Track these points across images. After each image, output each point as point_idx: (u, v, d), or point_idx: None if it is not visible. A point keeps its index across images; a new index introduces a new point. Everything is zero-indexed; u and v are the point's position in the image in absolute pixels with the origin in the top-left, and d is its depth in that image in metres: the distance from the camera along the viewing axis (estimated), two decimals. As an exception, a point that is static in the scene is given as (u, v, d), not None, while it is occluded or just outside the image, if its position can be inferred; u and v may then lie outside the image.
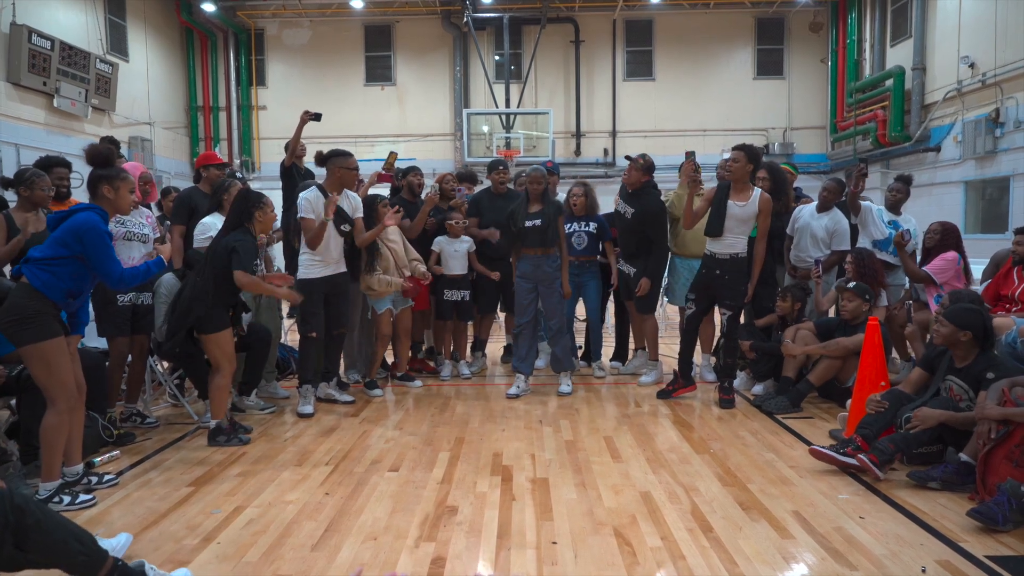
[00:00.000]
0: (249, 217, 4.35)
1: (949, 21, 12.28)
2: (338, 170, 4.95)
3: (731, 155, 4.93)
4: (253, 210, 4.35)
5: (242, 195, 4.44)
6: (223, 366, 4.26)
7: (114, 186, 3.48)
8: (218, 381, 4.27)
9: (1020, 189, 10.64)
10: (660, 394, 5.22)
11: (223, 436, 4.28)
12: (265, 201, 4.43)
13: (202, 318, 4.19)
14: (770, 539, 2.92)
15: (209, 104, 16.50)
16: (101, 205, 3.43)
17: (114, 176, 3.49)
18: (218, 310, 4.23)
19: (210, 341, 4.23)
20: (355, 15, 16.19)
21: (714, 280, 5.01)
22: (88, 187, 3.53)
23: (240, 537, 2.99)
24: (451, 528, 3.05)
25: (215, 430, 4.29)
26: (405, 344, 5.78)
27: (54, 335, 3.19)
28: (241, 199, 4.40)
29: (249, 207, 4.35)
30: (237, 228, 4.32)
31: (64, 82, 11.35)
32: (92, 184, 3.49)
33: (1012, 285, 4.66)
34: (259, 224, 4.40)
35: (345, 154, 5.02)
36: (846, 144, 15.40)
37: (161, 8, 15.13)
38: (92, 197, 3.50)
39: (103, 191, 3.47)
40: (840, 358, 4.86)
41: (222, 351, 4.24)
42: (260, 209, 4.37)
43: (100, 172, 3.50)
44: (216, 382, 4.27)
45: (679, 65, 16.43)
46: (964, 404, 3.60)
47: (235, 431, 4.32)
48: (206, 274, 4.22)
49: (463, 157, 15.26)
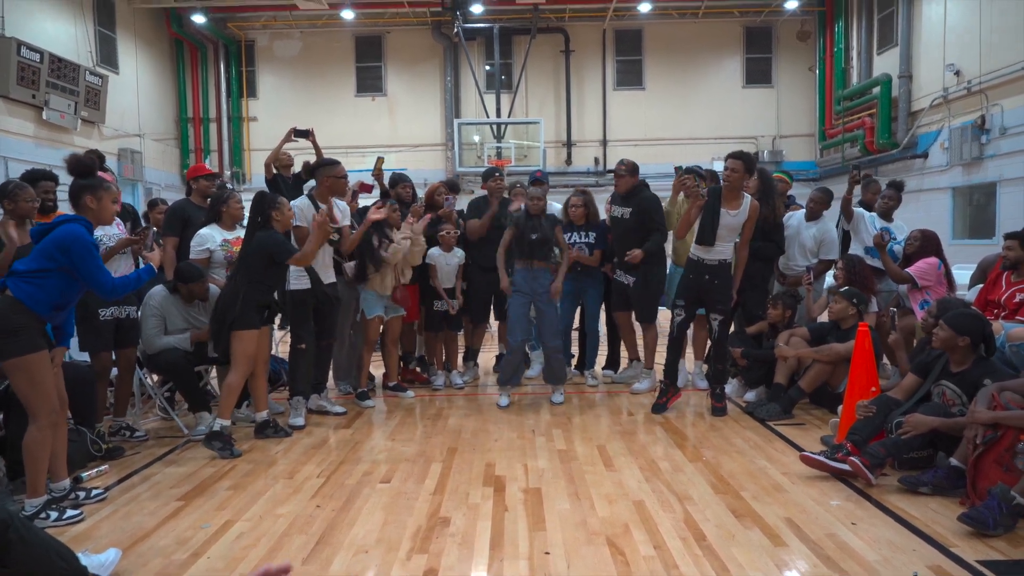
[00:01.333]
0: (267, 219, 4.49)
1: (934, 30, 12.40)
2: (327, 179, 4.99)
3: (728, 163, 4.87)
4: (270, 211, 4.50)
5: (258, 198, 4.57)
6: (240, 366, 4.35)
7: (97, 196, 3.46)
8: (229, 379, 4.38)
9: (1007, 195, 10.73)
10: (655, 408, 5.18)
11: (219, 442, 4.25)
12: (281, 201, 4.58)
13: (236, 314, 4.32)
14: (763, 547, 2.92)
15: (199, 116, 16.47)
16: (84, 216, 3.41)
17: (96, 187, 3.48)
18: (249, 309, 4.35)
19: (235, 337, 4.33)
20: (346, 26, 16.23)
21: (703, 285, 5.01)
22: (70, 198, 3.51)
23: (231, 551, 2.96)
24: (443, 540, 3.04)
25: (214, 433, 4.28)
26: (394, 354, 5.77)
27: (38, 349, 3.16)
28: (257, 202, 4.54)
29: (266, 208, 4.50)
30: (259, 230, 4.47)
31: (53, 95, 11.31)
32: (74, 195, 3.48)
33: (1000, 290, 4.69)
34: (277, 224, 4.53)
35: (333, 163, 5.09)
36: (835, 152, 15.50)
37: (151, 20, 15.13)
38: (75, 208, 3.48)
39: (86, 202, 3.45)
40: (831, 363, 4.88)
41: (243, 350, 4.34)
42: (277, 209, 4.51)
43: (82, 183, 3.49)
44: (227, 381, 4.40)
45: (669, 74, 16.53)
46: (956, 409, 3.62)
47: (229, 444, 4.28)
48: (239, 277, 4.40)
49: (454, 167, 15.28)
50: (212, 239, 4.87)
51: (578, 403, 5.52)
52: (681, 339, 5.23)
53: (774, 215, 5.42)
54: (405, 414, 5.27)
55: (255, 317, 4.40)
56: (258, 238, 4.42)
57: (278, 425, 4.69)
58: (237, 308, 4.31)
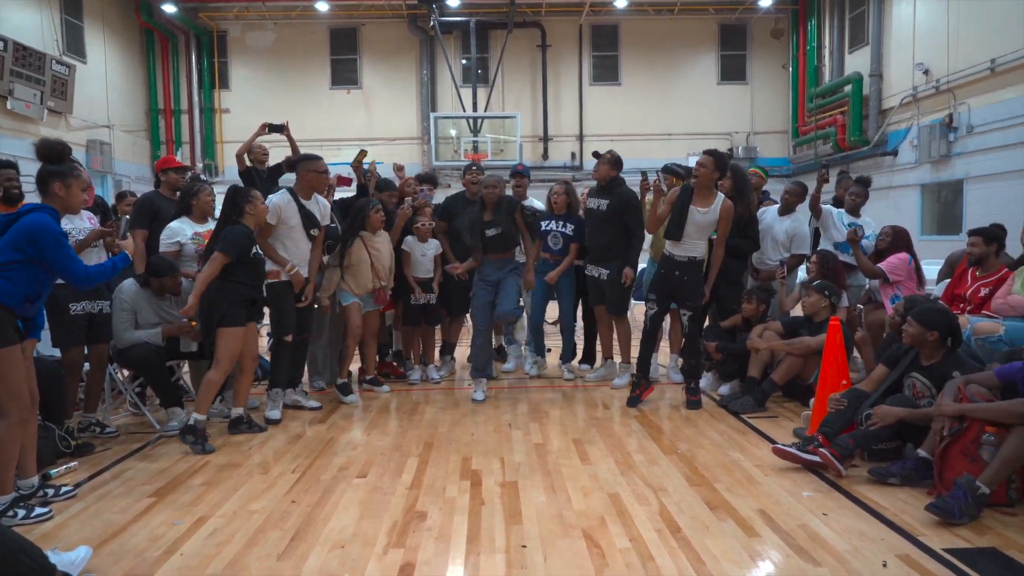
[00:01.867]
0: (240, 212, 4.42)
1: (904, 29, 12.62)
2: (308, 174, 4.93)
3: (699, 159, 4.90)
4: (244, 204, 4.43)
5: (231, 193, 4.51)
6: (222, 364, 4.32)
7: (66, 183, 3.35)
8: (210, 375, 4.34)
9: (973, 192, 10.97)
10: (629, 402, 5.21)
11: (191, 437, 4.22)
12: (254, 195, 4.52)
13: (218, 311, 4.28)
14: (737, 538, 2.96)
15: (170, 107, 16.20)
16: (51, 204, 3.30)
17: (66, 173, 3.37)
18: (233, 306, 4.31)
19: (220, 334, 4.31)
20: (320, 18, 16.05)
21: (673, 281, 5.05)
22: (38, 184, 3.38)
23: (204, 548, 2.92)
24: (420, 534, 3.03)
25: (188, 428, 4.24)
26: (372, 347, 5.72)
27: (9, 343, 3.08)
28: (230, 197, 4.48)
29: (240, 202, 4.44)
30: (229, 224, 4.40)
31: (18, 84, 11.05)
32: (42, 181, 3.36)
33: (966, 285, 4.80)
34: (250, 218, 4.46)
35: (315, 158, 5.02)
36: (808, 148, 15.72)
37: (120, 9, 14.82)
38: (42, 195, 3.36)
39: (54, 188, 3.34)
40: (803, 356, 4.96)
41: (227, 348, 4.31)
42: (250, 203, 4.46)
43: (52, 169, 3.38)
44: (208, 376, 4.35)
45: (645, 70, 16.62)
46: (925, 401, 3.70)
47: (203, 439, 4.23)
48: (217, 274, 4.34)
49: (431, 161, 15.21)
50: (183, 232, 4.80)
51: (554, 396, 5.55)
52: (654, 333, 5.27)
53: (748, 211, 5.47)
54: (381, 408, 5.25)
55: (240, 314, 4.36)
56: (224, 233, 4.35)
57: (252, 421, 4.64)
58: (224, 305, 4.27)
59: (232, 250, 4.28)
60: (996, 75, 10.38)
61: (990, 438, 3.17)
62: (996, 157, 10.44)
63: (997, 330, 4.18)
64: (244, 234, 4.37)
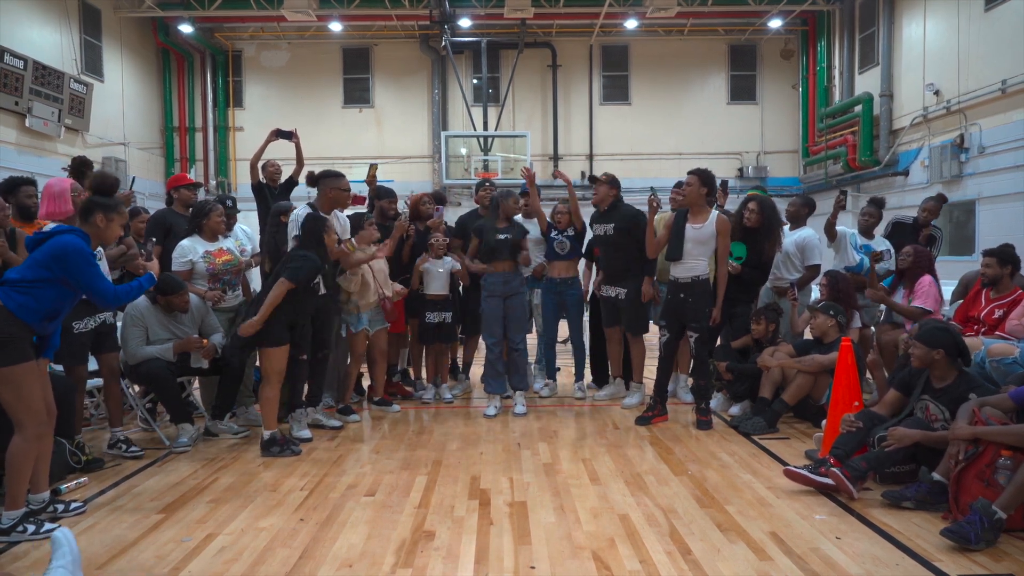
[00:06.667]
0: (320, 241, 4.59)
1: (914, 50, 12.65)
2: (330, 191, 4.98)
3: (686, 179, 4.99)
4: (324, 234, 4.61)
5: (311, 221, 4.66)
6: (272, 380, 4.46)
7: (109, 217, 3.49)
8: (266, 393, 4.48)
9: (985, 212, 10.92)
10: (639, 420, 5.20)
11: (276, 447, 4.42)
12: (330, 224, 4.68)
13: (262, 331, 4.36)
14: (748, 561, 2.92)
15: (185, 125, 16.41)
16: (87, 231, 3.40)
17: (111, 207, 3.50)
18: (278, 326, 4.41)
19: (264, 355, 4.46)
20: (333, 38, 16.26)
21: (680, 304, 5.05)
22: (81, 210, 3.52)
23: (211, 566, 2.92)
24: (428, 554, 3.01)
25: (268, 440, 4.44)
26: (381, 367, 5.69)
27: (26, 359, 3.12)
28: (311, 222, 4.63)
29: (319, 230, 4.61)
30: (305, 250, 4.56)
31: (37, 102, 11.23)
32: (88, 209, 3.48)
33: (980, 306, 4.76)
34: (332, 251, 4.70)
35: (338, 175, 5.07)
36: (818, 168, 15.72)
37: (138, 29, 15.08)
38: (82, 221, 3.49)
39: (96, 219, 3.46)
40: (813, 374, 4.92)
41: (272, 365, 4.44)
42: (327, 234, 4.63)
43: (101, 200, 3.50)
44: (264, 393, 4.50)
45: (655, 90, 16.71)
46: (939, 425, 3.65)
47: (288, 442, 4.45)
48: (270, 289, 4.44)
49: (441, 179, 15.31)
50: (194, 251, 4.84)
51: (564, 416, 5.52)
52: (670, 359, 5.26)
53: (774, 250, 5.43)
54: (390, 427, 5.24)
55: (284, 333, 4.45)
56: (292, 257, 4.48)
57: (288, 441, 4.56)
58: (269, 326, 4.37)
59: (298, 278, 4.40)
60: (1007, 96, 10.37)
61: (1006, 462, 3.13)
62: (1008, 178, 10.40)
63: (1012, 352, 4.13)
64: (314, 264, 4.49)
